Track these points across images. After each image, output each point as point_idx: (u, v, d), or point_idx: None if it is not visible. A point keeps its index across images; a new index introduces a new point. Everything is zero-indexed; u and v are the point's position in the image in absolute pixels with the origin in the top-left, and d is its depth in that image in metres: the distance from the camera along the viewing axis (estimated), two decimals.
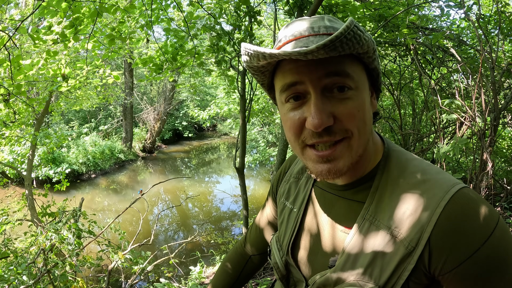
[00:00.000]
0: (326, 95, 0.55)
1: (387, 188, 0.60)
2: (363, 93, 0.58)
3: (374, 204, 0.60)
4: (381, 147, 0.67)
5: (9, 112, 4.73)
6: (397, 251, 0.55)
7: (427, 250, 0.52)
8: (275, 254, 0.78)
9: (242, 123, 3.20)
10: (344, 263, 0.60)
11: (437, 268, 0.53)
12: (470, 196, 0.54)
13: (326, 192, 0.71)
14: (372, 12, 2.93)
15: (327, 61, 0.54)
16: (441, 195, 0.54)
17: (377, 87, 0.65)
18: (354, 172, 0.64)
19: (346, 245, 0.61)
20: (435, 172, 0.59)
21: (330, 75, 0.54)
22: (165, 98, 14.08)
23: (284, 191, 0.83)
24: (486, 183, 2.85)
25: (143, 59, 3.33)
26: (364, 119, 0.57)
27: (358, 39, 0.50)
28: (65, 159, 9.68)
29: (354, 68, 0.56)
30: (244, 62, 0.59)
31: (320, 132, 0.55)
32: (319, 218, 0.70)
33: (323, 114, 0.54)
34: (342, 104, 0.55)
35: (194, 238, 5.24)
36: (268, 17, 7.22)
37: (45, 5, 2.19)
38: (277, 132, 8.56)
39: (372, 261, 0.57)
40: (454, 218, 0.52)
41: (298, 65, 0.55)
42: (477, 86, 2.59)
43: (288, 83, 0.57)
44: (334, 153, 0.56)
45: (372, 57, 0.58)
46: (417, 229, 0.53)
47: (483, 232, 0.51)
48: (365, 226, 0.60)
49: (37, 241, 3.00)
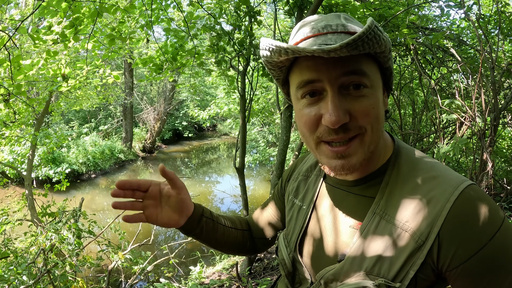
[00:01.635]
0: (342, 92, 0.56)
1: (398, 184, 0.61)
2: (378, 92, 0.59)
3: (384, 199, 0.61)
4: (391, 144, 0.68)
5: (9, 112, 4.73)
6: (407, 245, 0.55)
7: (437, 244, 0.53)
8: (282, 251, 0.78)
9: (242, 123, 3.19)
10: (354, 257, 0.60)
11: (445, 263, 0.53)
12: (479, 193, 0.55)
13: (335, 188, 0.71)
14: (372, 12, 2.92)
15: (345, 60, 0.54)
16: (451, 191, 0.54)
17: (389, 86, 0.66)
18: (365, 168, 0.65)
19: (356, 240, 0.61)
20: (443, 169, 0.60)
21: (348, 74, 0.55)
22: (165, 98, 14.08)
23: (293, 189, 0.84)
24: (486, 183, 2.85)
25: (143, 59, 3.33)
26: (378, 116, 0.58)
27: (378, 39, 0.51)
28: (65, 159, 9.68)
29: (370, 67, 0.57)
30: (263, 57, 0.59)
31: (336, 129, 0.56)
32: (328, 214, 0.71)
33: (340, 112, 0.55)
34: (358, 102, 0.56)
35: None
36: (268, 17, 7.21)
37: (45, 5, 2.19)
38: (277, 132, 8.56)
39: (382, 254, 0.57)
40: (463, 213, 0.52)
41: (317, 63, 0.55)
42: (477, 86, 2.59)
43: (306, 80, 0.57)
44: (348, 150, 0.57)
45: (387, 57, 0.59)
46: (427, 223, 0.54)
47: (490, 228, 0.51)
48: (375, 221, 0.60)
49: (37, 241, 3.00)
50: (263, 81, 6.17)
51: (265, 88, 7.07)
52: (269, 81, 3.56)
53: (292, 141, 6.46)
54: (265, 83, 6.68)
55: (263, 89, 7.04)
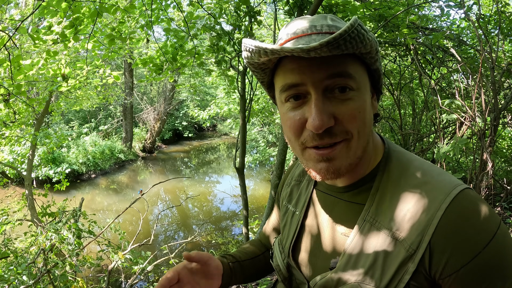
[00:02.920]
0: (327, 95, 0.55)
1: (388, 189, 0.59)
2: (364, 94, 0.57)
3: (374, 206, 0.59)
4: (382, 147, 0.66)
5: (9, 112, 4.73)
6: (398, 254, 0.54)
7: (428, 253, 0.52)
8: (277, 257, 0.77)
9: (242, 123, 3.20)
10: (345, 264, 0.59)
11: (437, 271, 0.52)
12: (471, 199, 0.53)
13: (326, 195, 0.70)
14: (372, 12, 2.92)
15: (329, 62, 0.53)
16: (442, 198, 0.53)
17: (378, 88, 0.64)
18: (354, 174, 0.63)
19: (347, 247, 0.60)
20: (436, 173, 0.58)
21: (333, 76, 0.53)
22: (165, 98, 14.08)
23: (286, 194, 0.83)
24: (486, 183, 2.85)
25: (143, 59, 3.33)
26: (365, 120, 0.56)
27: (361, 38, 0.49)
28: (65, 159, 9.68)
29: (356, 69, 0.55)
30: (244, 58, 0.57)
31: (321, 134, 0.54)
32: (319, 221, 0.70)
33: (324, 116, 0.53)
34: (343, 105, 0.54)
35: (194, 238, 5.24)
36: (268, 17, 7.21)
37: (45, 5, 2.19)
38: (277, 132, 8.56)
39: (374, 263, 0.56)
40: (455, 221, 0.51)
41: (300, 65, 0.54)
42: (477, 86, 2.59)
43: (289, 84, 0.56)
44: (333, 152, 0.56)
45: (374, 58, 0.57)
46: (418, 232, 0.53)
47: (484, 236, 0.50)
48: (365, 228, 0.59)
49: (37, 241, 3.00)
50: None
51: None
52: None
53: None
54: None
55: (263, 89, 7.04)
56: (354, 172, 0.63)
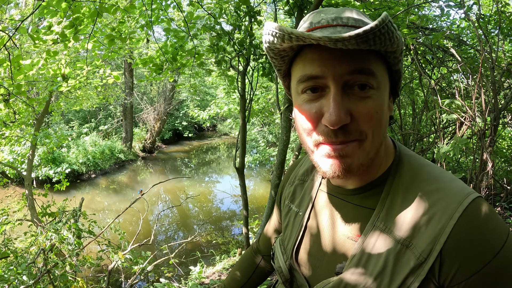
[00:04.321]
0: (346, 91, 0.53)
1: (399, 195, 0.58)
2: (384, 94, 0.55)
3: (384, 211, 0.58)
4: (393, 151, 0.64)
5: (9, 112, 4.73)
6: (408, 262, 0.53)
7: (439, 261, 0.51)
8: (278, 258, 0.76)
9: (242, 123, 3.20)
10: (353, 271, 0.58)
11: (447, 279, 0.52)
12: (483, 208, 0.53)
13: (332, 196, 0.68)
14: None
15: (352, 57, 0.51)
16: (454, 206, 0.52)
17: (396, 90, 0.63)
18: (364, 176, 0.62)
19: (355, 253, 0.59)
20: (448, 180, 0.57)
21: (354, 73, 0.52)
22: (165, 98, 14.08)
23: (289, 193, 0.81)
24: (486, 183, 2.85)
25: (143, 59, 3.33)
26: (381, 121, 0.55)
27: (390, 35, 0.48)
28: (65, 159, 9.68)
29: (378, 67, 0.54)
30: (265, 43, 0.54)
31: (336, 131, 0.53)
32: (324, 223, 0.68)
33: (341, 111, 0.51)
34: (362, 103, 0.53)
35: (194, 238, 5.25)
36: (268, 17, 7.21)
37: (45, 5, 2.19)
38: (277, 132, 8.56)
39: (382, 270, 0.55)
40: (467, 231, 0.51)
41: (322, 57, 0.52)
42: (477, 86, 2.59)
43: (309, 75, 0.54)
44: (346, 149, 0.54)
45: (398, 58, 0.56)
46: (430, 240, 0.52)
47: (494, 244, 0.50)
48: (375, 234, 0.58)
49: (37, 241, 3.00)
50: (263, 81, 6.17)
51: (265, 88, 7.08)
52: (269, 81, 3.56)
53: (292, 141, 6.46)
54: (265, 83, 6.68)
55: (263, 89, 7.04)
56: (365, 174, 0.61)
